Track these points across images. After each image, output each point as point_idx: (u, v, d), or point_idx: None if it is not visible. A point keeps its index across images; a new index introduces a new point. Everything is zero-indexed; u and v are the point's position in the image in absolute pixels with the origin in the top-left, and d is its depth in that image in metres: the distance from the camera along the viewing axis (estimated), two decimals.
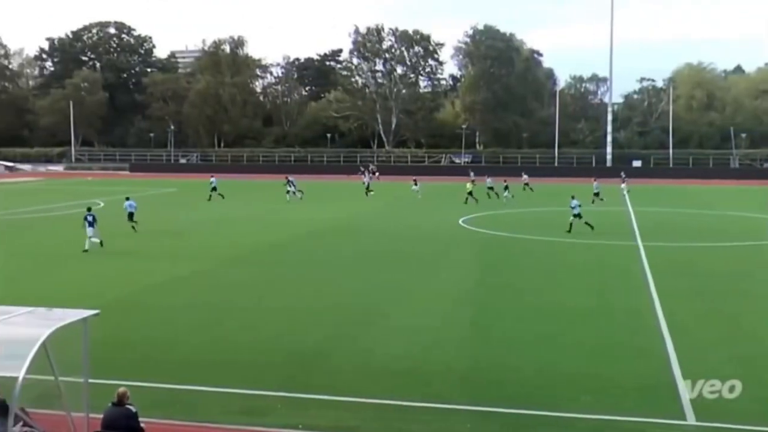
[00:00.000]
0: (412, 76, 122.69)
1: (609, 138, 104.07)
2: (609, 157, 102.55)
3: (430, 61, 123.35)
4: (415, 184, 61.46)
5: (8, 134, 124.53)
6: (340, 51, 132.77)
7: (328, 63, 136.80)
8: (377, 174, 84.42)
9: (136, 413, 11.08)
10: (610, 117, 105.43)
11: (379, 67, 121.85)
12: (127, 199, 39.84)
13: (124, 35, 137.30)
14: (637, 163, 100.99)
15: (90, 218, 32.50)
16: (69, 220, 41.74)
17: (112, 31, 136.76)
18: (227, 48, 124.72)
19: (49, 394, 11.77)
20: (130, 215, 38.65)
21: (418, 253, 32.08)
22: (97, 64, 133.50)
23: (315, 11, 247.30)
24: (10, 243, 35.68)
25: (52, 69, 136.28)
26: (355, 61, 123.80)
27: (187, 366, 16.32)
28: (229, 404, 14.01)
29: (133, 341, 18.18)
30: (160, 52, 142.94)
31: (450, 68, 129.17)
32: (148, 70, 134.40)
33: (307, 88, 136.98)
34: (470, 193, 55.32)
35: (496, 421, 13.41)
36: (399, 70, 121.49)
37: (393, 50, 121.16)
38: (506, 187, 56.40)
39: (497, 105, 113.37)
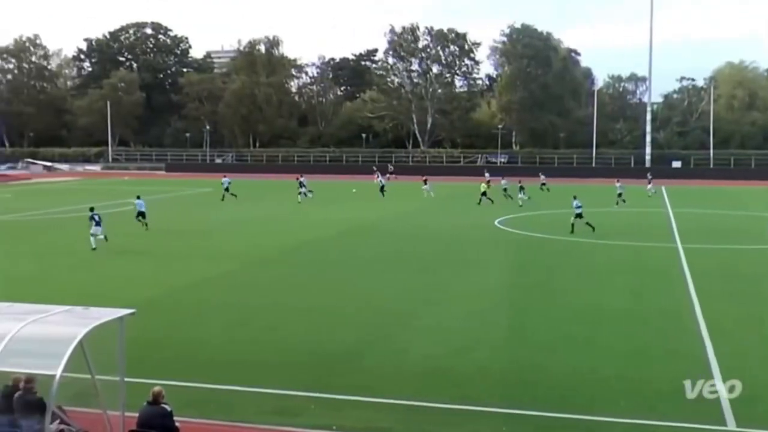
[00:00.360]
0: (447, 75, 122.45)
1: (648, 138, 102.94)
2: (648, 157, 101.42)
3: (466, 61, 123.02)
4: (425, 184, 61.16)
5: (47, 134, 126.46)
6: (376, 51, 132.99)
7: (363, 63, 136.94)
8: (393, 174, 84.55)
9: (171, 412, 11.24)
10: (649, 117, 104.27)
11: (415, 66, 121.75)
12: (138, 198, 40.98)
13: (160, 35, 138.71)
14: (676, 164, 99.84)
15: (96, 217, 33.31)
16: (105, 220, 42.21)
17: (148, 31, 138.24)
18: (262, 48, 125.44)
19: (86, 393, 11.96)
20: (140, 213, 39.71)
21: (451, 254, 32.07)
22: (134, 65, 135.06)
23: (350, 11, 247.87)
24: (46, 242, 36.24)
25: (90, 69, 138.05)
26: (390, 60, 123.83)
27: (220, 365, 16.48)
28: (262, 404, 14.12)
29: (167, 340, 18.40)
30: (196, 53, 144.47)
31: (486, 68, 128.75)
32: (184, 70, 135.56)
33: (342, 88, 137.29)
34: (484, 194, 54.94)
35: (531, 423, 13.36)
36: (435, 69, 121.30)
37: (428, 49, 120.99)
38: (521, 188, 55.64)
39: (534, 105, 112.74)
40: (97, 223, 33.16)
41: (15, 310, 12.16)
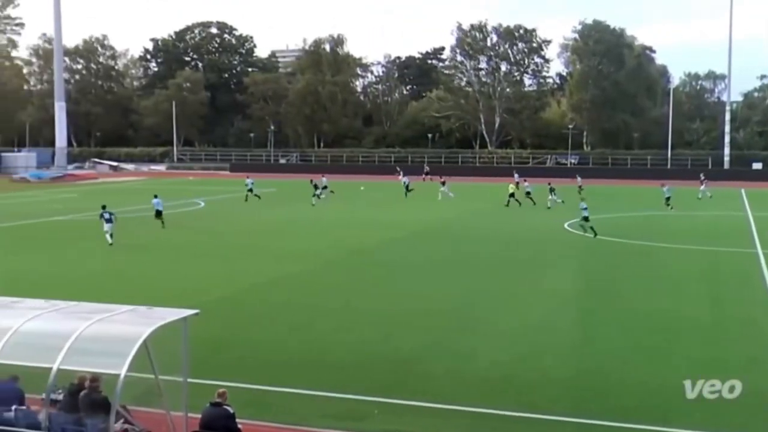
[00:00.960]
0: (516, 74, 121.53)
1: (726, 139, 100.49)
2: (726, 159, 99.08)
3: (536, 58, 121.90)
4: (443, 185, 60.74)
5: (114, 134, 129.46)
6: (443, 49, 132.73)
7: (430, 61, 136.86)
8: (429, 175, 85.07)
9: (233, 414, 11.38)
10: (727, 116, 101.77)
11: (483, 65, 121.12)
12: (155, 197, 43.15)
13: (225, 35, 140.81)
14: (757, 165, 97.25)
15: (107, 215, 35.30)
16: (170, 220, 43.01)
17: (214, 31, 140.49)
18: (327, 47, 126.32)
19: (149, 393, 12.21)
20: (158, 213, 41.82)
21: (519, 257, 31.86)
22: (199, 64, 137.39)
23: (417, 8, 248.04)
24: (114, 242, 37.06)
25: (156, 69, 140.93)
26: (457, 58, 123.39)
27: (284, 367, 16.66)
28: (325, 407, 14.21)
29: (231, 341, 18.66)
30: (261, 52, 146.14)
31: (556, 66, 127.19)
32: (249, 69, 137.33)
33: (408, 87, 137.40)
34: (512, 195, 54.82)
35: None
36: (503, 67, 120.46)
37: (497, 47, 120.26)
38: (552, 190, 54.38)
39: (606, 103, 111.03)
40: (107, 221, 35.08)
41: (81, 309, 12.50)
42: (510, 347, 18.23)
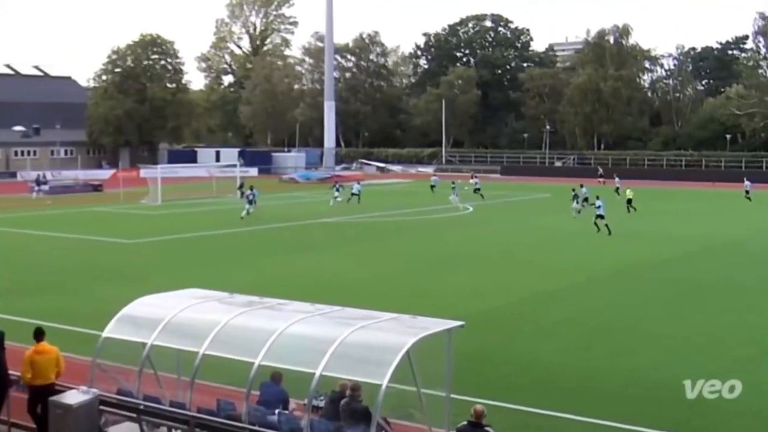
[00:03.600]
0: None
1: None
2: None
3: None
4: (454, 192, 58.48)
5: (381, 134, 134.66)
6: (746, 38, 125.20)
7: (729, 52, 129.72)
8: (603, 178, 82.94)
9: None
10: None
11: None
12: (251, 188, 51.01)
13: (500, 28, 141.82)
14: None
15: (251, 196, 46.82)
16: (435, 225, 44.08)
17: (488, 24, 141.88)
18: (611, 38, 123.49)
19: (408, 405, 12.53)
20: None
21: None
22: (471, 60, 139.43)
23: None
24: (381, 245, 38.56)
25: (426, 66, 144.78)
26: (762, 49, 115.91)
27: (557, 390, 16.45)
28: None
29: (496, 357, 18.77)
30: (538, 45, 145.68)
31: None
32: (524, 65, 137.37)
33: (703, 82, 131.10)
34: (629, 201, 52.49)
35: None
36: None
37: None
38: (575, 197, 51.22)
39: None
40: (250, 202, 46.28)
41: (345, 315, 13.12)
42: None
